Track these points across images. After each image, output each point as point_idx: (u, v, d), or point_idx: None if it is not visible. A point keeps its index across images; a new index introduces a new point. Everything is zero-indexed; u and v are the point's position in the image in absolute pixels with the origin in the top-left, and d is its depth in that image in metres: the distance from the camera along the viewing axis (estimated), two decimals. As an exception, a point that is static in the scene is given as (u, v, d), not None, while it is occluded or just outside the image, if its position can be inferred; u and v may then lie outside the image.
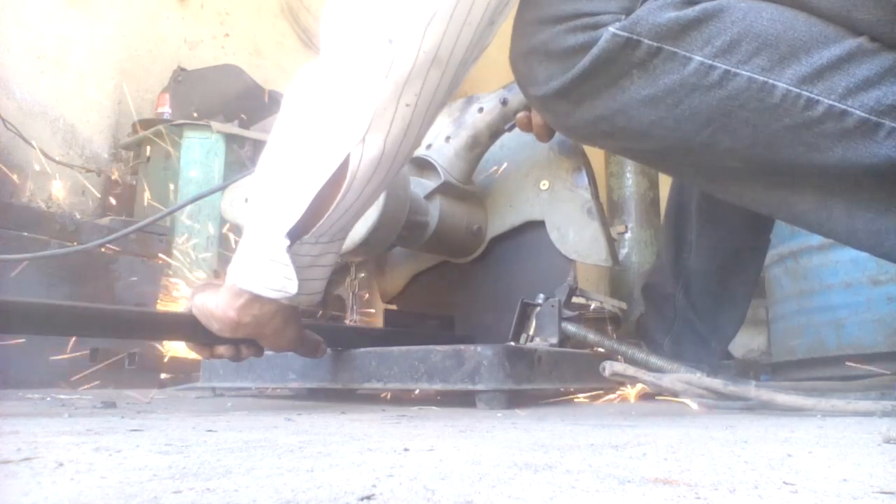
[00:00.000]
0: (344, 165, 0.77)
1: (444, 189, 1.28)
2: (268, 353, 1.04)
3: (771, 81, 0.72)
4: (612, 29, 0.76)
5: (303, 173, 0.79)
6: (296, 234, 0.81)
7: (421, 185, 1.28)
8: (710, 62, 0.74)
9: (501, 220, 1.34)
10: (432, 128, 0.90)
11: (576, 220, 1.23)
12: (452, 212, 1.29)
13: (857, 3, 0.70)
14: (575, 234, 1.23)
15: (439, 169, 1.28)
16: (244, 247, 0.83)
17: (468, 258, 1.38)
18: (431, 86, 0.77)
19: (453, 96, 0.86)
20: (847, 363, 1.46)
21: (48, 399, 1.13)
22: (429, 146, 1.31)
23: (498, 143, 1.33)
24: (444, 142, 1.30)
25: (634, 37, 0.75)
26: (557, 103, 0.82)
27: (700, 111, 0.75)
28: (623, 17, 0.76)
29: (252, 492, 0.35)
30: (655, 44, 0.75)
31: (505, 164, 1.34)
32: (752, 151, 0.76)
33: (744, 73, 0.73)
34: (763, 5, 0.74)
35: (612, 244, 1.21)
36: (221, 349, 0.91)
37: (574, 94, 0.80)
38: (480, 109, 1.29)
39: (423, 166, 1.31)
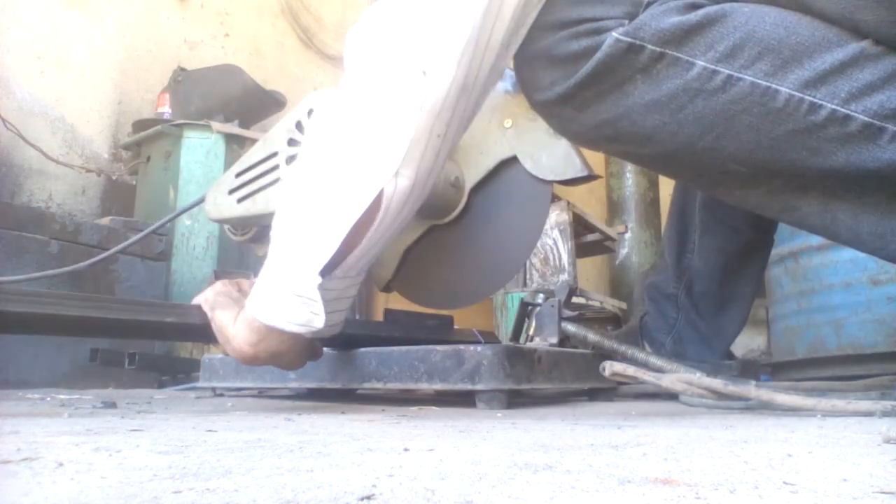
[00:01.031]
0: (377, 199, 0.76)
1: None
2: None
3: (774, 86, 0.72)
4: (615, 34, 0.76)
5: (335, 209, 0.76)
6: (326, 271, 0.78)
7: None
8: (713, 67, 0.74)
9: (476, 169, 1.35)
10: None
11: (544, 143, 1.23)
12: None
13: (860, 5, 0.70)
14: (547, 156, 1.24)
15: None
16: (266, 279, 0.79)
17: (452, 215, 1.37)
18: (461, 114, 0.78)
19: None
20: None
21: (48, 399, 1.13)
22: None
23: None
24: None
25: (638, 42, 0.75)
26: (561, 108, 0.82)
27: (703, 116, 0.75)
28: (626, 22, 0.76)
29: (252, 492, 0.35)
30: (658, 49, 0.75)
31: None
32: (756, 156, 0.76)
33: (747, 77, 0.73)
34: (766, 9, 0.74)
35: (584, 156, 1.22)
36: None
37: (578, 99, 0.80)
38: None
39: None
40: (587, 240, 2.76)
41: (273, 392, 1.34)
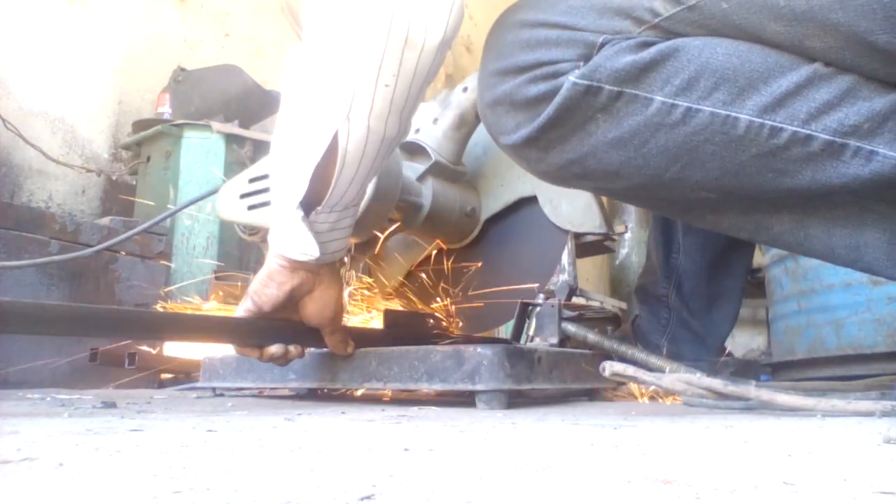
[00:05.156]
0: (335, 143, 0.84)
1: (436, 170, 1.29)
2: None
3: (733, 114, 0.73)
4: (571, 78, 0.77)
5: (300, 152, 0.86)
6: (310, 205, 0.88)
7: (413, 169, 1.28)
8: (671, 101, 0.75)
9: (494, 201, 1.35)
10: (420, 113, 0.94)
11: (568, 191, 1.23)
12: (445, 193, 1.30)
13: (808, 33, 0.71)
14: (568, 204, 1.23)
15: (429, 150, 1.29)
16: (273, 218, 0.92)
17: (463, 242, 1.38)
18: (409, 67, 0.81)
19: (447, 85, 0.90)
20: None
21: (48, 399, 1.13)
22: (417, 130, 1.31)
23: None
24: (431, 124, 1.31)
25: (595, 84, 0.77)
26: (528, 151, 0.84)
27: (667, 149, 0.77)
28: (582, 64, 0.78)
29: (252, 492, 0.35)
30: (616, 88, 0.76)
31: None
32: (723, 182, 0.78)
33: (705, 108, 0.74)
34: (717, 41, 0.75)
35: (606, 212, 1.21)
36: (272, 350, 0.98)
37: (543, 141, 0.82)
38: (465, 89, 1.30)
39: (414, 150, 1.31)
40: (587, 240, 2.76)
41: (273, 392, 1.34)
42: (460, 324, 1.35)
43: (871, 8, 0.67)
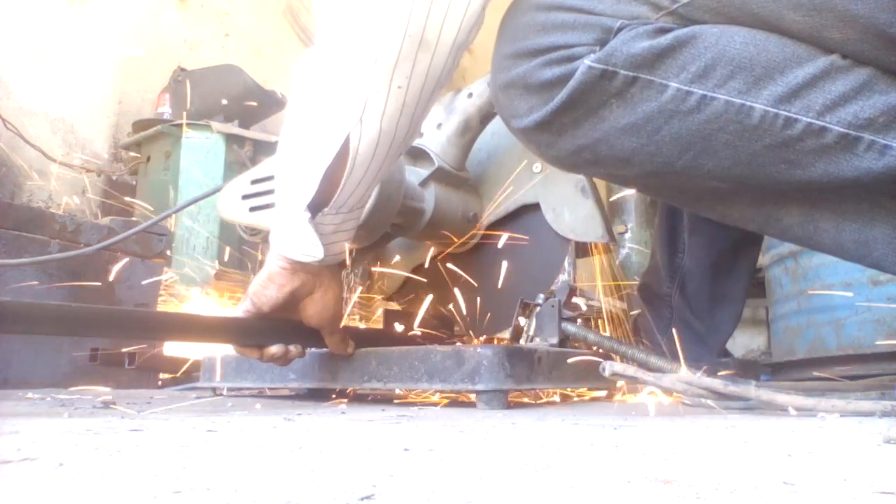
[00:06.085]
0: (346, 144, 0.84)
1: (439, 175, 1.29)
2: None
3: (748, 103, 0.73)
4: (587, 62, 0.76)
5: (311, 154, 0.87)
6: (317, 207, 0.89)
7: (415, 174, 1.29)
8: (686, 88, 0.75)
9: (496, 207, 1.35)
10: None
11: (570, 199, 1.23)
12: (448, 198, 1.30)
13: (826, 24, 0.71)
14: (570, 213, 1.23)
15: (432, 155, 1.29)
16: (277, 219, 0.93)
17: (464, 247, 1.38)
18: (422, 68, 0.82)
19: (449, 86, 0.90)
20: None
21: (48, 399, 1.13)
22: (421, 135, 1.31)
23: (489, 131, 1.33)
24: (435, 129, 1.31)
25: (610, 68, 0.76)
26: (540, 135, 0.84)
27: (680, 136, 0.77)
28: (597, 48, 0.77)
29: (252, 492, 0.35)
30: (631, 73, 0.76)
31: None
32: (735, 171, 0.77)
33: (721, 96, 0.74)
34: (735, 29, 0.75)
35: (608, 221, 1.21)
36: (273, 350, 0.98)
37: (555, 126, 0.82)
38: (470, 94, 1.30)
39: (417, 155, 1.31)
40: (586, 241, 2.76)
41: (273, 392, 1.33)
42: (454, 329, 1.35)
43: (892, 0, 0.66)
